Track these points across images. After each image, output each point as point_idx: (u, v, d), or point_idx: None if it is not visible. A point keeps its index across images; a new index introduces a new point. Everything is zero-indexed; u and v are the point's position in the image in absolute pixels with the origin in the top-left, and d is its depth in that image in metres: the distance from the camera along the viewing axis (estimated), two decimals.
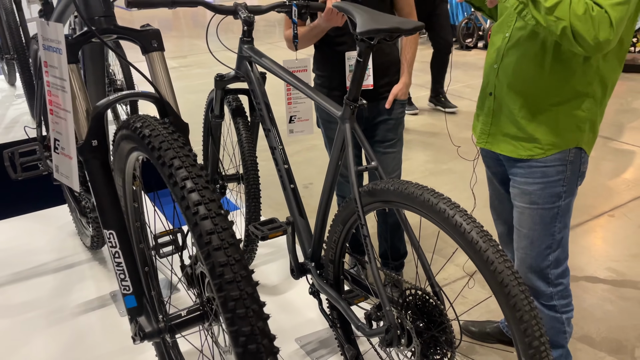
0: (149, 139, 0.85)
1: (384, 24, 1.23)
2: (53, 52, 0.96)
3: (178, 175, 0.79)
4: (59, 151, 1.03)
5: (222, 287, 0.74)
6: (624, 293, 2.49)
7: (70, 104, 0.96)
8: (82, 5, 0.98)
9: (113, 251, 1.01)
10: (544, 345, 1.09)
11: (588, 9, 1.37)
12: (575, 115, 1.61)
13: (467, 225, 1.14)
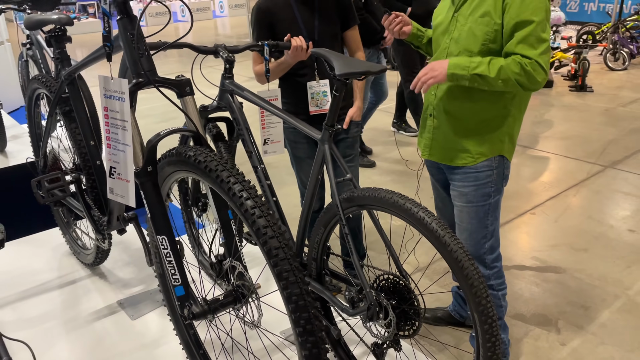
0: (205, 163, 1.15)
1: (357, 68, 1.59)
2: (115, 100, 1.24)
3: (235, 188, 1.10)
4: (115, 176, 1.30)
5: (277, 263, 1.06)
6: (546, 277, 2.96)
7: (130, 140, 1.24)
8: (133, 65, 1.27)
9: (165, 252, 1.30)
10: (489, 303, 1.47)
11: (522, 65, 1.78)
12: (498, 130, 2.03)
13: (428, 218, 1.51)
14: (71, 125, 1.88)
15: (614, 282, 2.87)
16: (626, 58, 7.44)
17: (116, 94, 1.23)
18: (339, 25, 2.50)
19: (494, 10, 1.85)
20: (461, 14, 1.96)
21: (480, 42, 1.88)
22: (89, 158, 1.86)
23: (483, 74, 1.81)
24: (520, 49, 1.79)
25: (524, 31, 1.78)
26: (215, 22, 14.64)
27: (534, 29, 1.78)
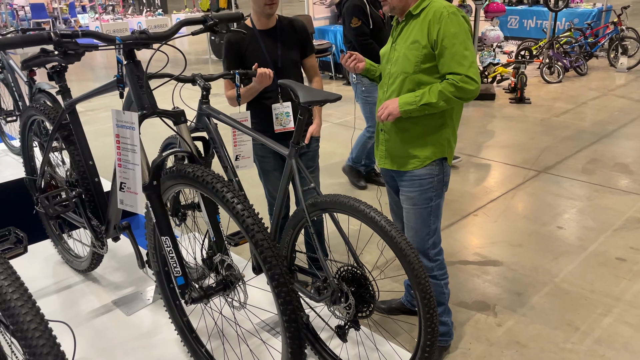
0: (202, 177, 1.48)
1: (318, 97, 1.96)
2: (127, 129, 1.55)
3: (228, 196, 1.43)
4: (125, 190, 1.61)
5: (263, 251, 1.39)
6: (486, 270, 3.39)
7: (139, 160, 1.55)
8: (138, 99, 1.59)
9: (168, 249, 1.61)
10: (428, 283, 1.84)
11: (454, 83, 2.17)
12: (438, 136, 2.43)
13: (378, 217, 1.88)
14: (70, 147, 2.16)
15: (544, 272, 3.31)
16: (561, 72, 8.12)
17: (127, 124, 1.54)
18: (299, 54, 2.86)
19: (421, 38, 2.26)
20: (398, 44, 2.38)
21: (413, 64, 2.28)
22: (87, 175, 2.15)
23: (428, 102, 2.21)
24: (450, 69, 2.19)
25: (448, 54, 2.19)
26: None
27: (457, 49, 2.19)
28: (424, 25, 2.26)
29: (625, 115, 6.37)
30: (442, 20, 2.21)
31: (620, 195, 4.31)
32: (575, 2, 10.17)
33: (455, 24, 2.21)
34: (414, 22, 2.30)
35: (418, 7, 2.30)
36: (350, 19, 3.98)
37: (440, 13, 2.22)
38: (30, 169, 2.64)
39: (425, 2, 2.31)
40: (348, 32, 4.08)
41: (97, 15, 14.43)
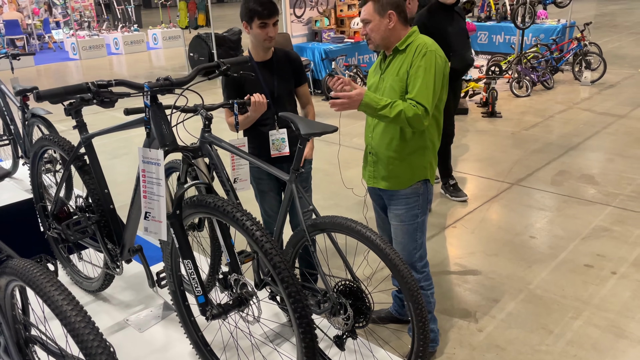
0: (223, 207, 1.67)
1: (317, 129, 2.17)
2: (152, 165, 1.73)
3: (248, 224, 1.62)
4: (149, 219, 1.79)
5: (272, 259, 1.59)
6: (466, 279, 3.64)
7: (164, 192, 1.74)
8: (161, 137, 1.79)
9: (189, 272, 1.79)
10: (420, 295, 2.07)
11: (416, 111, 2.37)
12: (422, 159, 2.66)
13: (374, 237, 2.10)
14: (85, 177, 2.33)
15: (518, 279, 3.58)
16: (529, 86, 8.52)
17: (153, 160, 1.73)
18: (293, 83, 3.08)
19: (404, 71, 2.50)
20: (386, 75, 2.62)
21: (398, 94, 2.51)
22: (102, 203, 2.32)
23: (385, 115, 2.41)
24: (416, 97, 2.40)
25: (418, 83, 2.41)
26: (149, 54, 14.90)
27: (426, 83, 2.41)
28: (407, 60, 2.51)
29: (590, 128, 6.76)
30: (419, 55, 2.46)
31: (587, 205, 4.63)
32: (541, 19, 10.65)
33: (431, 61, 2.46)
34: (401, 56, 2.55)
35: (404, 43, 2.55)
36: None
37: (420, 49, 2.48)
38: (39, 196, 2.78)
39: (410, 38, 2.56)
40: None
41: (73, 31, 14.42)
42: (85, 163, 2.35)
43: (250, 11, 2.82)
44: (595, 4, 23.11)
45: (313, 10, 9.61)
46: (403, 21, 2.55)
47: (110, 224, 2.32)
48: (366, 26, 2.57)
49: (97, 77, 11.79)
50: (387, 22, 2.51)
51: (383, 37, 2.55)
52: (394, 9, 2.50)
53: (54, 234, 2.56)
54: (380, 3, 2.50)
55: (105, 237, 2.33)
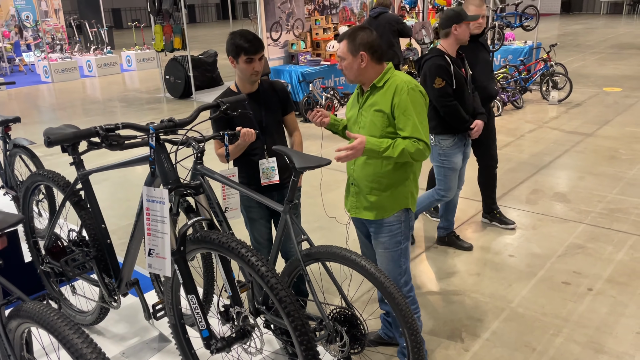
0: (228, 243, 1.73)
1: (312, 163, 2.26)
2: (157, 203, 1.79)
3: (253, 260, 1.68)
4: (153, 255, 1.84)
5: (287, 306, 1.65)
6: (450, 299, 3.74)
7: (168, 229, 1.79)
8: (164, 176, 1.84)
9: (194, 306, 1.84)
10: (413, 320, 2.15)
11: (417, 147, 2.50)
12: (403, 190, 2.77)
13: (368, 266, 2.19)
14: (81, 212, 2.36)
15: (500, 298, 3.70)
16: (500, 106, 8.80)
17: (157, 199, 1.79)
18: (280, 113, 3.17)
19: (384, 107, 2.61)
20: (364, 110, 2.72)
21: (379, 129, 2.62)
22: (99, 237, 2.35)
23: (389, 156, 2.53)
24: (412, 134, 2.53)
25: (409, 122, 2.53)
26: (123, 77, 14.84)
27: (416, 120, 2.54)
28: (387, 97, 2.61)
29: (559, 147, 7.02)
30: (402, 93, 2.57)
31: (561, 223, 4.81)
32: (509, 40, 11.03)
33: (415, 98, 2.58)
34: (379, 92, 2.66)
35: (381, 80, 2.66)
36: (433, 79, 3.72)
37: (401, 87, 2.59)
38: (30, 230, 2.79)
39: (387, 75, 2.67)
40: (430, 92, 3.74)
41: (45, 54, 14.28)
42: (81, 198, 2.38)
43: (236, 47, 2.91)
44: (558, 23, 23.99)
45: (289, 34, 9.77)
46: (377, 60, 2.65)
47: (108, 259, 2.36)
48: (341, 62, 2.68)
49: (69, 100, 11.69)
50: (359, 62, 2.62)
51: (356, 75, 2.66)
52: (366, 50, 2.60)
53: (47, 268, 2.57)
54: (354, 43, 2.60)
55: (102, 272, 2.36)
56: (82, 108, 10.83)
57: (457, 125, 3.83)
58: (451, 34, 3.74)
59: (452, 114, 3.78)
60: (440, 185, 4.11)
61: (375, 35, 2.67)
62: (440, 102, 3.77)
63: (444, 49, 3.78)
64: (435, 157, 4.02)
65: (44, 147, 7.79)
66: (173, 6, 10.55)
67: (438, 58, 3.73)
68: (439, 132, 3.90)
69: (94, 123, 9.44)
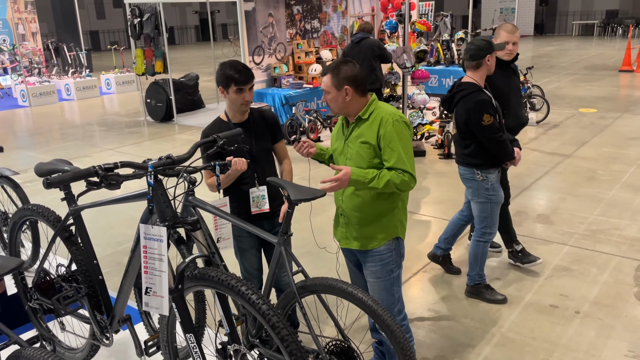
0: (227, 281, 1.71)
1: (307, 195, 2.26)
2: (154, 241, 1.77)
3: (253, 298, 1.67)
4: (150, 294, 1.81)
5: (289, 344, 1.64)
6: (440, 325, 3.75)
7: (166, 267, 1.77)
8: (162, 213, 1.83)
9: (192, 345, 1.81)
10: (412, 352, 2.15)
11: (403, 178, 2.54)
12: (392, 219, 2.78)
13: (365, 298, 2.18)
14: (72, 248, 2.31)
15: (490, 323, 3.72)
16: None
17: (155, 237, 1.76)
18: (270, 141, 3.18)
19: (370, 139, 2.64)
20: (350, 142, 2.74)
21: (366, 160, 2.65)
22: (91, 273, 2.30)
23: (374, 186, 2.55)
24: (397, 166, 2.56)
25: (395, 154, 2.56)
26: (102, 100, 14.71)
27: (402, 151, 2.57)
28: (372, 128, 2.64)
29: (540, 168, 7.15)
30: (387, 125, 2.60)
31: (545, 245, 4.88)
32: None
33: (400, 130, 2.61)
34: (364, 125, 2.68)
35: (366, 112, 2.69)
36: (480, 116, 3.52)
37: (386, 120, 2.62)
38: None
39: (372, 107, 2.70)
40: (477, 129, 3.58)
41: (22, 78, 14.10)
42: (72, 234, 2.34)
43: (227, 77, 2.92)
44: (531, 45, 24.62)
45: (271, 57, 9.84)
46: (360, 93, 2.68)
47: (100, 295, 2.31)
48: (326, 95, 2.70)
49: (47, 125, 11.54)
50: (344, 95, 2.65)
51: (341, 107, 2.69)
52: (350, 84, 2.63)
53: (35, 304, 2.50)
54: (338, 77, 2.63)
55: (94, 309, 2.31)
56: (60, 132, 10.69)
57: (504, 158, 3.68)
58: (483, 65, 3.60)
59: (504, 147, 3.61)
60: (484, 222, 3.86)
61: (358, 68, 2.69)
62: (491, 139, 3.58)
63: (476, 82, 3.61)
64: (482, 194, 3.79)
65: (24, 174, 7.66)
66: (154, 30, 10.55)
67: (479, 93, 3.55)
68: (486, 167, 3.72)
69: (72, 148, 9.31)
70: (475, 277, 4.01)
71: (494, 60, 3.65)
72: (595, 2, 28.60)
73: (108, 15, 33.16)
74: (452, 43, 11.80)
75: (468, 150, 3.74)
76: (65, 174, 1.62)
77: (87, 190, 1.70)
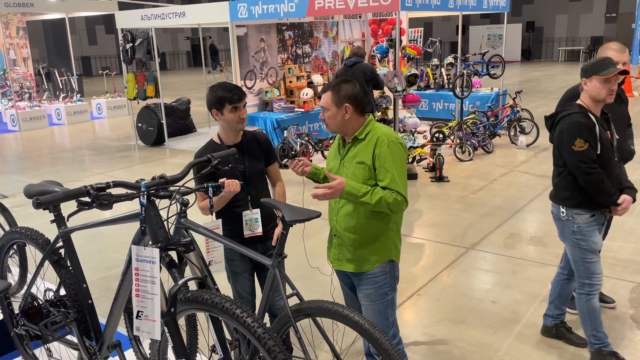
0: (222, 304, 1.67)
1: (302, 216, 2.23)
2: (147, 263, 1.72)
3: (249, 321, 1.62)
4: (142, 317, 1.75)
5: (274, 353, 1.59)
6: (436, 349, 3.68)
7: (158, 290, 1.72)
8: (154, 234, 1.78)
9: None
10: None
11: (396, 198, 2.52)
12: (385, 241, 2.75)
13: (362, 321, 2.14)
14: (61, 271, 2.26)
15: (487, 346, 3.66)
16: (471, 151, 9.00)
17: (147, 259, 1.72)
18: (264, 163, 3.15)
19: (366, 159, 2.63)
20: (346, 161, 2.73)
21: (360, 180, 2.63)
22: (80, 298, 2.24)
23: (366, 201, 2.52)
24: (391, 186, 2.55)
25: (389, 175, 2.55)
26: (93, 124, 14.66)
27: (396, 173, 2.57)
28: (368, 149, 2.64)
29: (531, 190, 7.17)
30: (383, 146, 2.60)
31: (539, 267, 4.85)
32: (476, 87, 11.40)
33: (396, 151, 2.61)
34: (360, 145, 2.68)
35: (363, 132, 2.69)
36: (572, 139, 3.04)
37: (382, 140, 2.62)
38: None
39: (368, 128, 2.70)
40: (567, 155, 3.11)
41: (13, 103, 14.05)
42: (61, 257, 2.28)
43: (220, 99, 2.92)
44: (519, 70, 25.01)
45: (263, 82, 9.89)
46: (360, 112, 2.69)
47: (89, 320, 2.25)
48: (324, 112, 2.70)
49: (37, 149, 11.46)
50: (343, 113, 2.65)
51: (339, 125, 2.68)
52: (351, 102, 2.64)
53: (22, 330, 2.43)
54: (338, 95, 2.64)
55: (83, 334, 2.24)
56: (50, 157, 10.60)
57: (600, 199, 3.11)
58: (583, 87, 3.14)
59: (596, 184, 3.04)
60: (578, 271, 3.30)
61: (358, 88, 2.71)
62: (580, 169, 3.04)
63: (586, 105, 3.13)
64: (568, 235, 3.27)
65: (13, 199, 7.56)
66: (146, 55, 10.59)
67: (580, 115, 3.06)
68: (574, 205, 3.18)
69: (62, 172, 9.23)
70: (592, 339, 3.35)
71: (595, 87, 3.06)
72: (580, 29, 29.21)
73: (100, 40, 33.32)
74: (442, 68, 11.94)
75: (556, 180, 3.28)
76: (56, 193, 1.58)
77: (78, 210, 1.66)
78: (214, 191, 2.79)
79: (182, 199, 2.65)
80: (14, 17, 17.06)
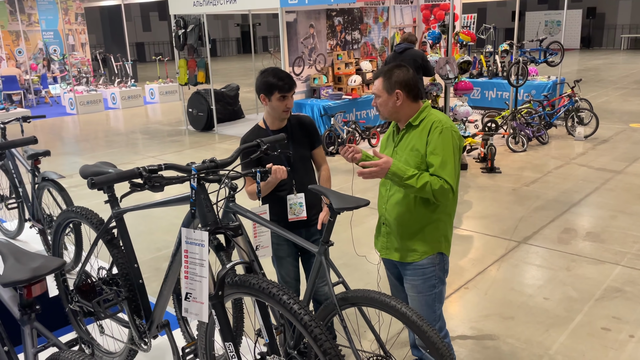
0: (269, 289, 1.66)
1: (350, 204, 2.19)
2: (196, 245, 1.73)
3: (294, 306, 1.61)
4: (190, 299, 1.77)
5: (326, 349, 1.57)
6: (484, 344, 3.59)
7: (207, 273, 1.73)
8: (204, 218, 1.79)
9: (231, 354, 1.76)
10: None
11: (442, 185, 2.43)
12: (435, 233, 2.67)
13: (409, 312, 2.09)
14: (114, 250, 2.31)
15: (537, 344, 3.54)
16: (525, 141, 8.69)
17: (197, 241, 1.73)
18: (309, 147, 3.13)
19: (420, 146, 2.54)
20: (399, 149, 2.66)
21: (413, 167, 2.54)
22: (131, 277, 2.29)
23: (411, 185, 2.43)
24: (440, 173, 2.45)
25: (440, 160, 2.45)
26: (146, 109, 15.07)
27: (446, 159, 2.46)
28: (422, 135, 2.55)
29: (589, 184, 6.87)
30: (435, 132, 2.51)
31: (596, 264, 4.64)
32: (532, 75, 10.99)
33: (448, 138, 2.51)
34: (414, 131, 2.60)
35: (417, 119, 2.60)
36: None
37: (436, 126, 2.53)
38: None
39: (423, 114, 2.61)
40: None
41: (71, 87, 14.59)
42: (114, 237, 2.34)
43: (270, 85, 2.90)
44: (578, 59, 23.96)
45: (311, 68, 9.85)
46: (412, 98, 2.60)
47: (139, 299, 2.29)
48: (376, 99, 2.63)
49: (93, 132, 11.86)
50: (394, 100, 2.57)
51: (391, 112, 2.61)
52: (402, 89, 2.56)
53: (76, 307, 2.51)
54: (389, 81, 2.56)
55: (133, 313, 2.30)
56: (105, 140, 10.96)
57: None
58: None
59: None
60: None
61: (411, 73, 2.63)
62: None
63: None
64: None
65: (70, 179, 7.87)
66: (198, 41, 10.73)
67: None
68: None
69: (116, 155, 9.52)
70: None
71: None
72: None
73: (154, 27, 34.12)
74: (496, 55, 11.56)
75: None
76: (109, 174, 1.60)
77: (131, 191, 1.68)
78: (262, 176, 2.79)
79: (231, 183, 2.66)
80: (72, 3, 17.66)
